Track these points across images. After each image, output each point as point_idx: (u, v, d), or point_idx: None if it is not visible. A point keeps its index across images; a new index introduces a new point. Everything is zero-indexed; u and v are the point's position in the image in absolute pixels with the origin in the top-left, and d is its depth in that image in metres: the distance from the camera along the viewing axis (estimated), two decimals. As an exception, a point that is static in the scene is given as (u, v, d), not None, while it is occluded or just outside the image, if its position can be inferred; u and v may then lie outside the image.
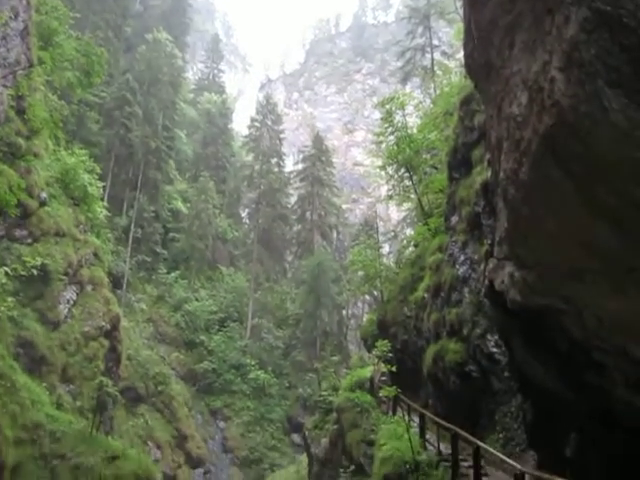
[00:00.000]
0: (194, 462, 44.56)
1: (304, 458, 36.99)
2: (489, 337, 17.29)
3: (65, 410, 23.89)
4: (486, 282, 11.72)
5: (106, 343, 31.45)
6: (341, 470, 23.68)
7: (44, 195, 29.05)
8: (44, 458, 19.74)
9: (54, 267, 27.67)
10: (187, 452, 44.11)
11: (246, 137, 77.44)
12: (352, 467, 23.26)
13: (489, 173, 10.74)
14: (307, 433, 31.70)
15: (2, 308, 22.28)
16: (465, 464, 15.84)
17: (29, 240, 27.52)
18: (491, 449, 14.34)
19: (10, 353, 21.89)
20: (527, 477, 11.99)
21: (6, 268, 23.13)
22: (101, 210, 36.51)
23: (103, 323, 31.35)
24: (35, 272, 25.82)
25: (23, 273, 25.11)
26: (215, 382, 52.43)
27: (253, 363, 54.28)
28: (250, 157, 75.29)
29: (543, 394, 11.71)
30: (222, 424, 50.89)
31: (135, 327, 47.87)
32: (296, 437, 49.03)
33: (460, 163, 20.65)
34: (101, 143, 54.05)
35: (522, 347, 11.34)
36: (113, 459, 21.78)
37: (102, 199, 40.33)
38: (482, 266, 14.83)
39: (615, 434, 10.01)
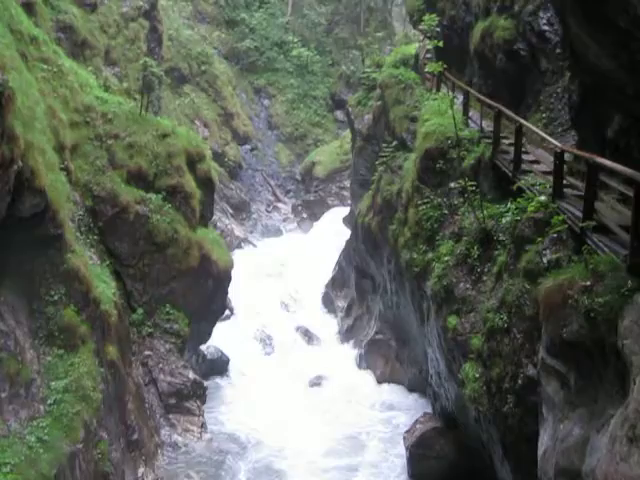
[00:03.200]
0: (241, 139, 46.07)
1: (347, 134, 37.92)
2: (541, 14, 16.42)
3: (113, 92, 24.24)
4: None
5: (146, 24, 30.86)
6: (384, 145, 24.31)
7: None
8: (99, 138, 20.53)
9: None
10: (234, 129, 45.40)
11: None
12: (395, 142, 23.82)
13: None
14: (350, 109, 32.03)
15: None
16: (506, 142, 16.12)
17: None
18: (533, 127, 14.48)
19: (52, 38, 21.65)
20: (566, 155, 12.24)
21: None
22: None
23: (141, 3, 30.46)
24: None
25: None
26: (258, 60, 52.01)
27: (295, 40, 53.21)
28: None
29: (593, 73, 11.43)
30: (266, 102, 51.55)
31: (174, 6, 46.39)
32: (339, 114, 49.72)
33: None
34: None
35: (578, 23, 10.78)
36: (164, 137, 22.53)
37: None
38: None
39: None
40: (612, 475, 7.92)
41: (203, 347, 24.69)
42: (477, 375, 13.33)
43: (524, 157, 14.75)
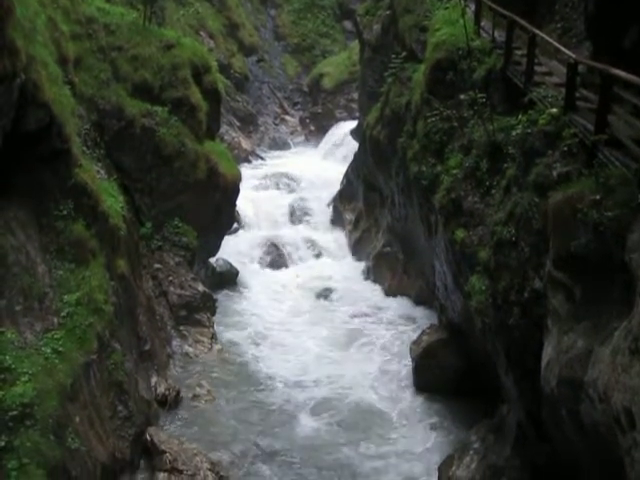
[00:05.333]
0: (247, 50, 45.11)
1: (355, 45, 37.10)
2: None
3: (114, 3, 23.54)
4: None
5: None
6: (393, 56, 23.77)
7: None
8: (102, 51, 20.12)
9: None
10: (239, 40, 44.40)
11: None
12: (404, 53, 23.29)
13: None
14: (359, 19, 31.22)
15: None
16: (518, 52, 15.76)
17: None
18: (547, 37, 14.12)
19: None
20: (580, 67, 11.98)
21: None
22: None
23: None
24: None
25: None
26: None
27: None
28: None
29: None
30: (272, 12, 50.18)
31: None
32: (348, 24, 48.41)
33: None
34: None
35: None
36: (169, 48, 22.11)
37: None
38: None
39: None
40: (613, 385, 8.10)
41: (212, 260, 24.96)
42: (483, 287, 13.46)
43: (537, 69, 14.43)
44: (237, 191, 24.60)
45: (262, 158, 39.71)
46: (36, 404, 10.71)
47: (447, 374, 17.69)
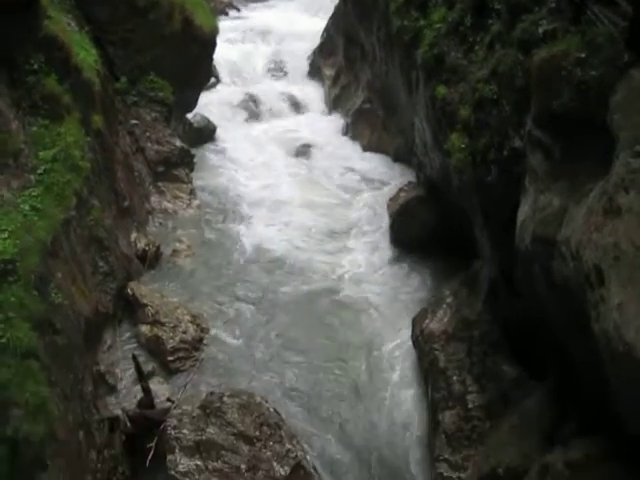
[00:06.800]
0: None
1: None
2: None
3: None
4: None
5: None
6: None
7: None
8: None
9: None
10: None
11: None
12: None
13: None
14: None
15: None
16: None
17: None
18: None
19: None
20: None
21: None
22: None
23: None
24: None
25: None
26: None
27: None
28: None
29: None
30: None
31: None
32: None
33: None
34: None
35: None
36: None
37: None
38: None
39: None
40: (585, 243, 8.28)
41: (189, 116, 24.57)
42: (463, 145, 13.42)
43: None
44: (214, 44, 23.86)
45: (239, 10, 38.26)
46: (17, 260, 10.76)
47: (423, 230, 17.88)
